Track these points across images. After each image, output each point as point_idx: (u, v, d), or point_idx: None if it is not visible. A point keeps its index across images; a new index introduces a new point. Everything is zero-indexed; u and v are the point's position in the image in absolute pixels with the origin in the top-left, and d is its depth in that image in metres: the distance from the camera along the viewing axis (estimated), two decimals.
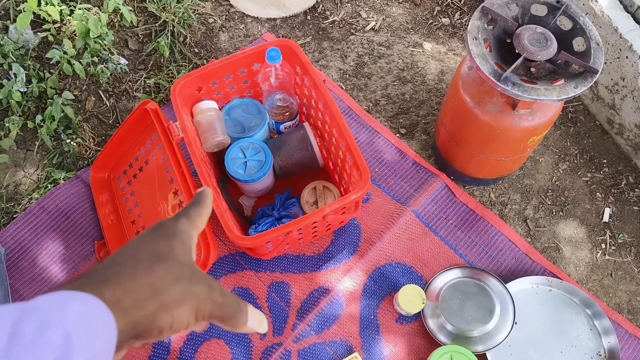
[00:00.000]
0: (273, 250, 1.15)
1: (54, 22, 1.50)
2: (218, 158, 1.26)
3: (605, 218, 1.34)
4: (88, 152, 1.39)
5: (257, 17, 1.62)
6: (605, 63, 1.34)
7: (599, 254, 1.31)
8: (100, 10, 1.48)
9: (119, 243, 1.24)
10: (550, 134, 1.44)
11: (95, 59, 1.46)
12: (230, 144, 1.20)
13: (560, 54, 1.00)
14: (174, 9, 1.55)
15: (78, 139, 1.38)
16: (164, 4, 1.57)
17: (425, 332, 1.18)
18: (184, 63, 1.53)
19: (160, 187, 1.22)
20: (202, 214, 0.43)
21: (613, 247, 1.31)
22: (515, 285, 1.21)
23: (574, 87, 0.96)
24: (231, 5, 1.64)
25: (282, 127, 1.29)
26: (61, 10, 1.46)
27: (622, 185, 1.38)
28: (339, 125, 1.09)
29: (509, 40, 1.05)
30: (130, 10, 1.51)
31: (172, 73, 1.50)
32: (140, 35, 1.58)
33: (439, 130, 1.31)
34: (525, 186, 1.38)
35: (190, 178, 1.12)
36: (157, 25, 1.56)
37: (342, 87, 1.50)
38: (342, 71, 1.53)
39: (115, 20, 1.57)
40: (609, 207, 1.36)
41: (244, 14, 1.62)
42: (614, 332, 1.17)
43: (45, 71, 1.47)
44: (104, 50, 1.48)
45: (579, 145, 1.44)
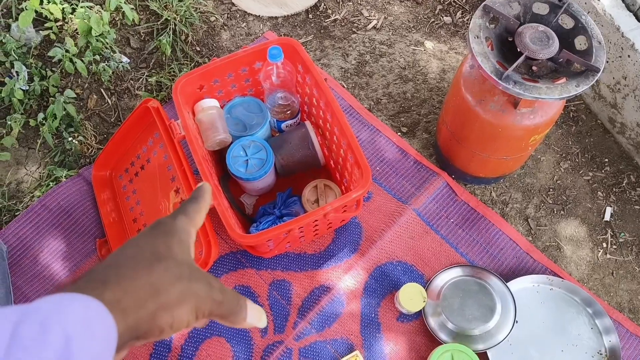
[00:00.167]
0: (274, 249, 1.15)
1: (56, 20, 1.51)
2: (219, 156, 1.26)
3: (607, 217, 1.34)
4: (90, 150, 1.40)
5: (259, 16, 1.62)
6: (607, 62, 1.34)
7: (600, 253, 1.31)
8: (102, 9, 1.48)
9: (120, 241, 1.25)
10: (552, 132, 1.44)
11: (97, 57, 1.46)
12: (231, 142, 1.20)
13: (562, 52, 0.99)
14: (176, 7, 1.55)
15: (80, 137, 1.39)
16: (166, 2, 1.57)
17: (426, 330, 1.18)
18: (185, 61, 1.53)
19: (162, 185, 1.22)
20: (200, 210, 0.43)
21: (614, 246, 1.31)
22: (516, 284, 1.21)
23: (576, 86, 0.96)
24: (233, 4, 1.64)
25: (283, 125, 1.29)
26: (63, 8, 1.46)
27: (624, 185, 1.38)
28: (340, 124, 1.09)
29: (510, 39, 1.05)
30: (132, 8, 1.51)
31: (173, 71, 1.50)
32: (142, 34, 1.58)
33: (441, 129, 1.31)
34: (527, 185, 1.38)
35: (192, 176, 1.12)
36: (158, 23, 1.57)
37: (343, 86, 1.50)
38: (343, 70, 1.53)
39: (117, 19, 1.57)
40: (610, 206, 1.36)
41: (246, 12, 1.62)
42: (615, 331, 1.17)
43: (47, 69, 1.47)
44: (106, 48, 1.48)
45: (580, 144, 1.43)
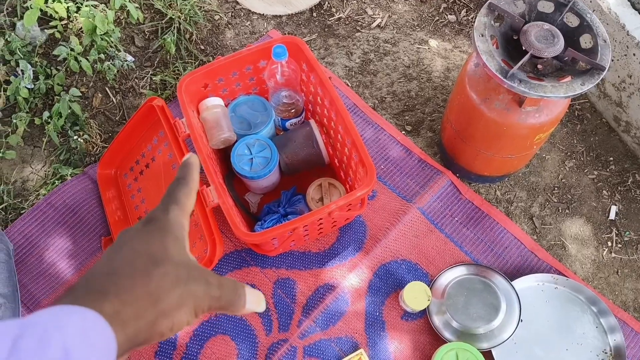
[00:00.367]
0: (279, 247, 1.15)
1: (61, 19, 1.51)
2: (224, 155, 1.27)
3: (612, 216, 1.34)
4: (95, 149, 1.40)
5: (263, 14, 1.62)
6: (613, 60, 1.34)
7: (605, 251, 1.30)
8: (107, 7, 1.48)
9: None
10: (557, 131, 1.44)
11: (102, 56, 1.47)
12: (236, 141, 1.20)
13: (567, 51, 0.99)
14: (180, 6, 1.55)
15: (85, 136, 1.39)
16: (170, 1, 1.57)
17: (431, 329, 1.18)
18: (190, 60, 1.53)
19: (167, 184, 1.21)
20: (190, 194, 0.42)
21: (619, 245, 1.31)
22: (520, 283, 1.21)
23: (581, 84, 0.96)
24: (237, 2, 1.64)
25: (287, 124, 1.29)
26: (68, 7, 1.47)
27: (629, 183, 1.38)
28: (344, 122, 1.09)
29: (515, 37, 1.04)
30: (137, 7, 1.51)
31: (178, 70, 1.51)
32: (146, 32, 1.58)
33: (445, 128, 1.31)
34: (532, 184, 1.38)
35: None
36: (163, 22, 1.57)
37: (347, 84, 1.50)
38: (347, 68, 1.53)
39: (121, 17, 1.58)
40: (616, 205, 1.35)
41: (250, 10, 1.62)
42: (620, 329, 1.17)
43: (52, 68, 1.47)
44: (111, 47, 1.48)
45: (585, 142, 1.43)
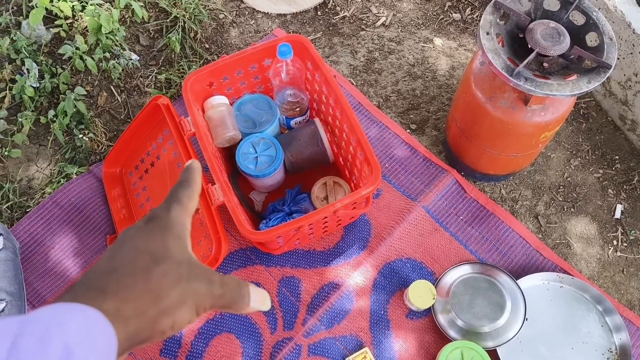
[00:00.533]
0: (284, 245, 1.15)
1: (66, 18, 1.51)
2: (229, 153, 1.27)
3: (617, 214, 1.34)
4: (100, 147, 1.41)
5: (268, 13, 1.62)
6: (618, 58, 1.33)
7: (611, 250, 1.30)
8: (112, 6, 1.48)
9: None
10: (562, 130, 1.43)
11: (107, 55, 1.47)
12: (241, 139, 1.20)
13: (573, 49, 0.99)
14: (185, 5, 1.56)
15: (90, 134, 1.39)
16: (175, 0, 1.57)
17: (436, 327, 1.18)
18: (194, 59, 1.53)
19: (172, 182, 1.22)
20: (192, 196, 0.42)
21: (625, 244, 1.31)
22: (526, 282, 1.21)
23: (587, 82, 0.96)
24: (241, 1, 1.64)
25: (292, 122, 1.29)
26: (73, 6, 1.47)
27: (634, 182, 1.37)
28: (349, 121, 1.09)
29: (521, 35, 1.04)
30: (142, 6, 1.51)
31: (182, 69, 1.51)
32: (151, 31, 1.58)
33: (450, 126, 1.31)
34: (537, 182, 1.37)
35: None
36: (168, 21, 1.57)
37: (352, 83, 1.50)
38: (352, 67, 1.53)
39: (126, 16, 1.58)
40: (621, 204, 1.35)
41: (255, 9, 1.63)
42: (626, 328, 1.16)
43: (57, 67, 1.48)
44: (116, 46, 1.49)
45: (590, 141, 1.43)
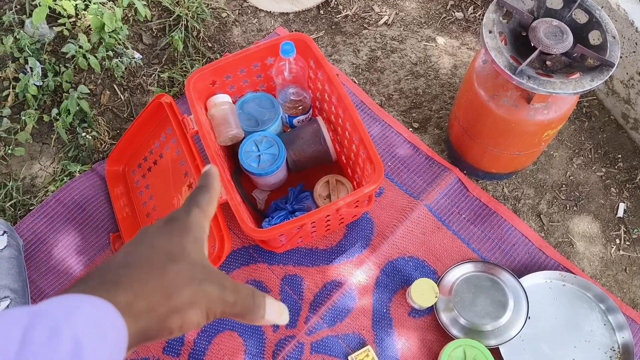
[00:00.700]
0: (286, 243, 1.15)
1: (69, 16, 1.52)
2: (232, 151, 1.27)
3: (620, 213, 1.34)
4: (103, 146, 1.41)
5: (270, 12, 1.62)
6: (621, 57, 1.33)
7: (613, 249, 1.30)
8: (115, 5, 1.49)
9: (133, 235, 1.25)
10: (565, 128, 1.43)
11: (110, 53, 1.47)
12: (243, 138, 1.21)
13: (576, 47, 0.99)
14: (188, 4, 1.56)
15: (93, 133, 1.40)
16: None
17: (438, 325, 1.18)
18: (197, 57, 1.54)
19: (175, 180, 1.23)
20: (212, 201, 0.42)
21: (627, 243, 1.31)
22: (528, 280, 1.21)
23: (590, 81, 0.96)
24: (244, 0, 1.64)
25: (295, 121, 1.29)
26: (76, 4, 1.47)
27: (637, 181, 1.37)
28: (352, 119, 1.09)
29: (524, 34, 1.04)
30: (145, 4, 1.52)
31: (185, 67, 1.51)
32: (154, 30, 1.58)
33: (452, 125, 1.31)
34: (539, 181, 1.37)
35: None
36: (170, 19, 1.57)
37: (354, 82, 1.50)
38: (354, 65, 1.53)
39: (129, 15, 1.58)
40: (624, 202, 1.35)
41: (257, 8, 1.63)
42: (628, 327, 1.16)
43: (60, 65, 1.48)
44: (119, 44, 1.49)
45: (593, 140, 1.43)
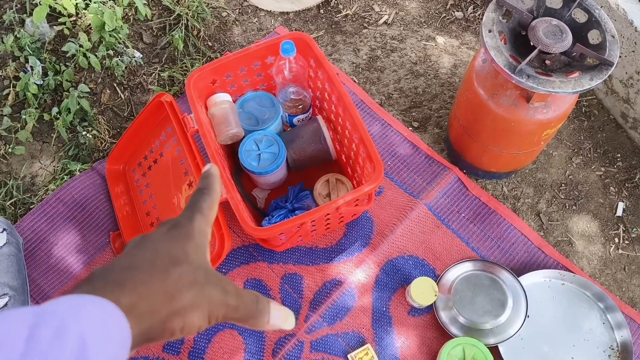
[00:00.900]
0: (286, 242, 1.16)
1: (70, 15, 1.52)
2: (232, 150, 1.27)
3: (619, 212, 1.34)
4: (103, 145, 1.41)
5: (270, 11, 1.62)
6: (620, 56, 1.33)
7: (612, 248, 1.30)
8: (115, 4, 1.49)
9: (134, 234, 1.26)
10: (564, 127, 1.44)
11: (111, 52, 1.47)
12: (244, 137, 1.21)
13: (576, 46, 0.99)
14: (188, 3, 1.56)
15: (94, 131, 1.40)
16: None
17: (437, 324, 1.18)
18: (197, 56, 1.54)
19: (175, 179, 1.23)
20: (213, 205, 0.43)
21: (626, 242, 1.31)
22: (527, 279, 1.21)
23: (589, 80, 0.96)
24: None
25: (295, 120, 1.29)
26: (76, 3, 1.48)
27: (636, 180, 1.37)
28: (352, 118, 1.09)
29: (523, 33, 1.04)
30: (145, 3, 1.52)
31: (186, 66, 1.51)
32: (154, 29, 1.59)
33: (452, 124, 1.31)
34: (539, 180, 1.38)
35: None
36: (171, 18, 1.57)
37: (354, 81, 1.50)
38: (354, 65, 1.54)
39: (129, 14, 1.58)
40: (623, 202, 1.35)
41: (257, 7, 1.63)
42: (627, 326, 1.17)
43: (61, 64, 1.48)
44: (119, 43, 1.49)
45: (592, 139, 1.43)
